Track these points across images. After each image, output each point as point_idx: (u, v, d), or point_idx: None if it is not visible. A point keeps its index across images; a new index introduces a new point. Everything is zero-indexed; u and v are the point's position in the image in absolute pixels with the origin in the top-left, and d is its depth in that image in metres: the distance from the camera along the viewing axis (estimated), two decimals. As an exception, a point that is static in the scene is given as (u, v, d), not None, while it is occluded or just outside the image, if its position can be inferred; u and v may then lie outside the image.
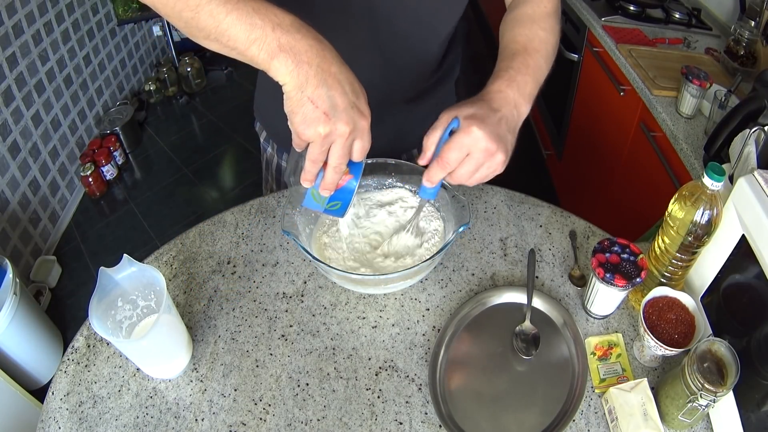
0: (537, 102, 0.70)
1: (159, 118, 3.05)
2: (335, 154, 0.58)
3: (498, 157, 0.62)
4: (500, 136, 0.62)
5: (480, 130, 0.60)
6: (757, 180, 0.66)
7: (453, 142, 0.61)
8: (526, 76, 0.67)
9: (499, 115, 0.63)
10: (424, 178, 0.65)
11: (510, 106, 0.65)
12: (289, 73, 0.54)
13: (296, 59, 0.54)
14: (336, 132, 0.56)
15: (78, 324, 0.85)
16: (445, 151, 0.62)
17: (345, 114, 0.56)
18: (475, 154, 0.61)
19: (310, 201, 0.67)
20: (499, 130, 0.62)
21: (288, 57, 0.54)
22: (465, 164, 0.62)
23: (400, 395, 0.75)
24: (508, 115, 0.64)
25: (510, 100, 0.65)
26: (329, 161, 0.59)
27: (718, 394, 0.60)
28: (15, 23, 2.05)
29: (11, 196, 2.03)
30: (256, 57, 0.55)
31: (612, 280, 0.74)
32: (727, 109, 1.21)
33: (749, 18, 1.47)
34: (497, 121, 0.62)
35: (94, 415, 0.74)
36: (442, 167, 0.62)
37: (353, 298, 0.86)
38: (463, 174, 0.63)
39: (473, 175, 0.63)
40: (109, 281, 0.72)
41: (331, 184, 0.62)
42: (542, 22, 0.74)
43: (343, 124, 0.56)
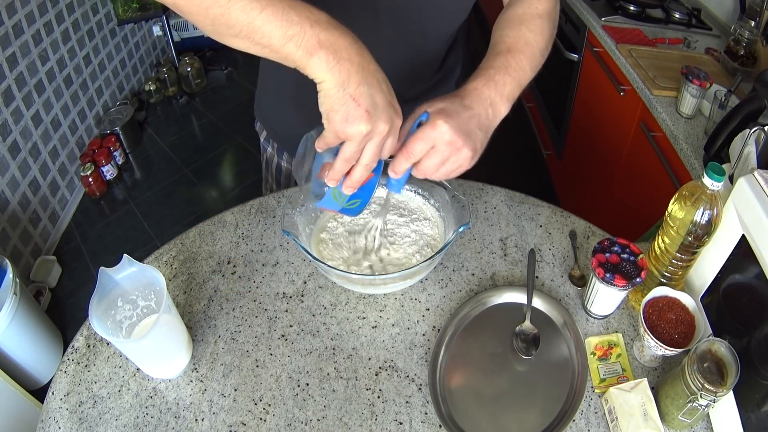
0: (537, 102, 0.70)
1: (159, 118, 3.05)
2: (369, 153, 0.58)
3: (464, 152, 0.62)
4: (468, 132, 0.62)
5: (445, 124, 0.60)
6: (757, 180, 0.66)
7: (418, 133, 0.62)
8: (505, 76, 0.67)
9: (471, 112, 0.64)
10: (390, 168, 0.65)
11: (484, 104, 0.65)
12: (329, 70, 0.53)
13: (336, 56, 0.53)
14: (376, 130, 0.56)
15: (78, 324, 0.85)
16: (409, 142, 0.62)
17: (385, 113, 0.56)
18: (439, 146, 0.62)
19: (329, 201, 0.66)
20: (468, 126, 0.62)
21: (328, 54, 0.53)
22: (430, 157, 0.63)
23: (400, 395, 0.75)
24: (481, 113, 0.65)
25: (484, 99, 0.65)
26: (362, 160, 0.59)
27: (718, 394, 0.60)
28: (15, 23, 2.05)
29: (11, 196, 2.03)
30: (293, 54, 0.53)
31: (612, 280, 0.74)
32: (727, 109, 1.21)
33: (749, 18, 1.47)
34: (467, 118, 0.63)
35: (94, 415, 0.74)
36: (406, 158, 0.63)
37: (353, 298, 0.86)
38: (429, 166, 0.63)
39: (439, 169, 0.64)
40: (109, 281, 0.72)
41: (357, 182, 0.62)
42: (531, 24, 0.73)
43: (383, 123, 0.56)
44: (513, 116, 0.71)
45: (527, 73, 0.70)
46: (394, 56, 0.87)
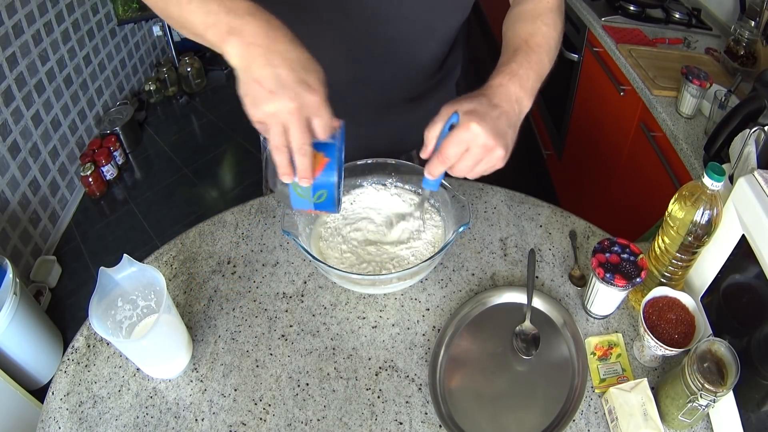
0: (537, 102, 0.70)
1: (159, 118, 3.05)
2: (292, 135, 0.55)
3: (497, 152, 0.62)
4: (499, 132, 0.62)
5: (479, 126, 0.60)
6: (757, 180, 0.66)
7: (452, 137, 0.62)
8: (528, 70, 0.67)
9: (500, 110, 0.63)
10: (426, 171, 0.66)
11: (511, 101, 0.65)
12: (238, 56, 0.53)
13: (243, 41, 0.53)
14: (283, 109, 0.53)
15: (78, 324, 0.85)
16: (444, 147, 0.63)
17: (290, 90, 0.53)
18: (473, 149, 0.62)
19: (297, 199, 0.63)
20: (498, 125, 0.62)
21: (237, 40, 0.53)
22: (464, 159, 0.63)
23: (400, 395, 0.75)
24: (509, 110, 0.65)
25: (511, 95, 0.65)
26: (291, 145, 0.56)
27: (718, 394, 0.60)
28: (15, 23, 2.05)
29: (11, 196, 2.03)
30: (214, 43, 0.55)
31: (612, 280, 0.74)
32: (727, 109, 1.21)
33: (749, 18, 1.46)
34: (497, 117, 0.63)
35: (94, 415, 0.74)
36: (442, 162, 0.64)
37: (353, 298, 0.86)
38: (463, 168, 0.64)
39: (473, 169, 0.64)
40: (109, 281, 0.72)
41: (304, 170, 0.58)
42: (545, 18, 0.74)
43: (288, 100, 0.53)
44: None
45: (546, 66, 0.71)
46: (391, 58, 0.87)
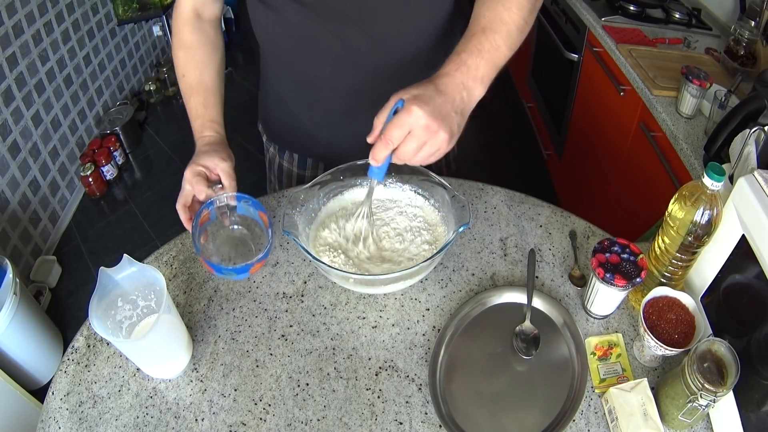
0: (537, 102, 0.69)
1: (159, 118, 3.05)
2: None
3: (440, 135, 0.63)
4: (443, 115, 0.63)
5: (420, 109, 0.62)
6: (757, 180, 0.66)
7: (394, 120, 0.63)
8: (478, 59, 0.68)
9: (445, 96, 0.65)
10: (370, 156, 0.67)
11: (458, 88, 0.66)
12: None
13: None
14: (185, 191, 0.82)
15: (78, 324, 0.85)
16: (387, 129, 0.64)
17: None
18: (416, 131, 0.63)
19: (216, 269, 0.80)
20: (442, 109, 0.64)
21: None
22: (408, 142, 0.64)
23: (400, 395, 0.75)
24: (455, 97, 0.66)
25: (457, 83, 0.66)
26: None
27: (718, 394, 0.60)
28: (15, 23, 2.05)
29: (11, 196, 2.03)
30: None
31: (612, 280, 0.74)
32: (727, 109, 1.21)
33: (749, 18, 1.46)
34: (441, 102, 0.64)
35: (94, 415, 0.74)
36: (385, 144, 0.65)
37: (353, 298, 0.86)
38: (407, 151, 0.65)
39: (417, 153, 0.65)
40: (109, 281, 0.72)
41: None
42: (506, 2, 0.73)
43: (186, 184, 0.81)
44: (513, 116, 0.71)
45: (503, 53, 0.70)
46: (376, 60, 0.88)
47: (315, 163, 1.12)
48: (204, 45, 0.92)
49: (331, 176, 0.88)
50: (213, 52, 0.93)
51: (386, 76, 0.90)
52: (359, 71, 0.90)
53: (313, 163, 1.12)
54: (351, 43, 0.85)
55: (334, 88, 0.94)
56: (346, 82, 0.91)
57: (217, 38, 0.95)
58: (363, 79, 0.90)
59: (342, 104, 0.96)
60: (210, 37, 0.93)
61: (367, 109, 0.96)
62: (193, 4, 0.91)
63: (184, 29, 0.91)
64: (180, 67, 0.91)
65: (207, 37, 0.92)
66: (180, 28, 0.91)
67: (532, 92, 2.59)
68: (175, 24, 0.92)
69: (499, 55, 0.70)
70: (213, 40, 0.93)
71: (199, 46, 0.91)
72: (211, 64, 0.92)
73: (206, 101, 0.90)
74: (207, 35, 0.92)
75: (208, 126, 0.89)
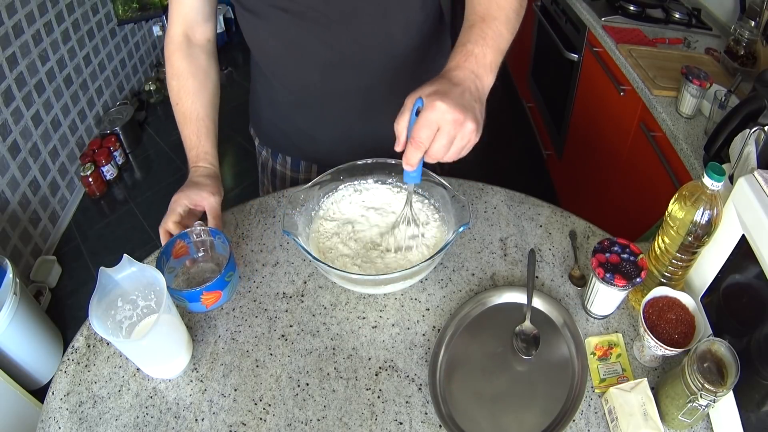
0: (537, 102, 0.69)
1: (159, 118, 3.05)
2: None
3: (468, 125, 0.62)
4: (465, 106, 0.62)
5: (443, 103, 0.61)
6: (757, 180, 0.66)
7: (421, 120, 0.62)
8: (483, 47, 0.68)
9: (461, 87, 0.64)
10: (404, 162, 0.66)
11: (470, 78, 0.66)
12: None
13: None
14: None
15: (78, 324, 0.85)
16: (415, 131, 0.63)
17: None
18: (444, 127, 0.62)
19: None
20: (462, 100, 0.63)
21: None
22: (438, 139, 0.63)
23: (400, 395, 0.75)
24: (471, 87, 0.65)
25: (468, 73, 0.66)
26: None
27: (718, 394, 0.60)
28: (15, 23, 2.05)
29: (11, 196, 2.03)
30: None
31: (612, 280, 0.74)
32: (727, 109, 1.21)
33: (749, 18, 1.46)
34: (460, 93, 0.63)
35: (94, 415, 0.74)
36: (417, 147, 0.63)
37: (353, 298, 0.86)
38: (439, 149, 0.63)
39: (449, 149, 0.64)
40: (109, 281, 0.72)
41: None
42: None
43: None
44: (513, 116, 0.71)
45: (505, 37, 0.71)
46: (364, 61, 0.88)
47: (308, 165, 1.12)
48: (195, 74, 0.92)
49: (331, 176, 0.88)
50: (205, 81, 0.93)
51: (376, 76, 0.90)
52: (348, 73, 0.90)
53: (307, 165, 1.12)
54: (337, 46, 0.85)
55: (325, 92, 0.94)
56: (336, 84, 0.92)
57: (210, 66, 0.95)
58: (353, 80, 0.91)
59: (334, 106, 0.96)
60: (201, 65, 0.93)
61: (359, 110, 0.97)
62: (183, 27, 0.90)
63: (175, 56, 0.92)
64: (173, 95, 0.93)
65: (198, 65, 0.93)
66: (171, 54, 0.92)
67: (532, 92, 2.59)
68: (166, 49, 0.93)
69: (502, 40, 0.70)
70: (205, 68, 0.94)
71: (191, 75, 0.92)
72: (203, 93, 0.93)
73: (199, 131, 0.92)
74: (198, 63, 0.93)
75: (202, 157, 0.92)
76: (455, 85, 0.64)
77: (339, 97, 0.94)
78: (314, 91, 0.94)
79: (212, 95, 0.95)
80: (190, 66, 0.92)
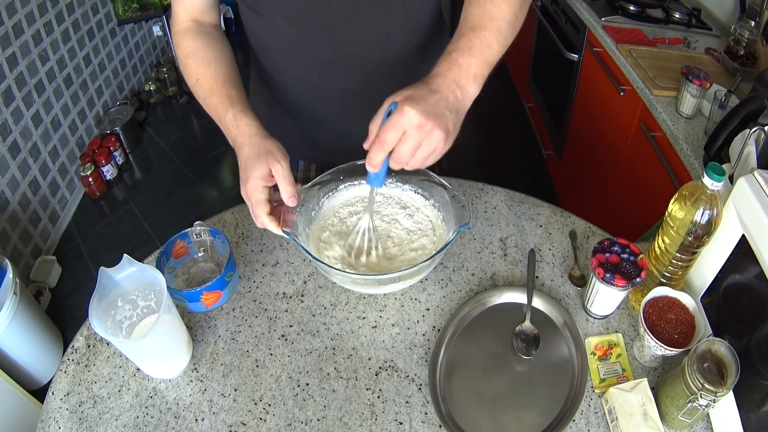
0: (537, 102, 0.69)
1: (159, 118, 3.05)
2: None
3: (435, 133, 0.62)
4: (436, 113, 0.62)
5: (412, 109, 0.61)
6: (757, 180, 0.66)
7: (388, 122, 0.62)
8: (469, 57, 0.67)
9: (438, 95, 0.64)
10: (367, 162, 0.66)
11: (450, 87, 0.65)
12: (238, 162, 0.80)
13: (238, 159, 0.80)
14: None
15: (78, 324, 0.85)
16: (381, 132, 0.63)
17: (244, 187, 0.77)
18: (410, 131, 0.62)
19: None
20: (435, 108, 0.63)
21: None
22: (403, 143, 0.63)
23: (400, 395, 0.75)
24: (448, 96, 0.65)
25: (449, 82, 0.65)
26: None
27: (718, 394, 0.60)
28: (15, 23, 2.04)
29: (11, 196, 2.03)
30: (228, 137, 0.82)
31: (612, 280, 0.74)
32: (727, 109, 1.21)
33: (749, 18, 1.46)
34: (435, 101, 0.63)
35: (94, 415, 0.74)
36: (380, 147, 0.63)
37: (353, 298, 0.86)
38: (404, 153, 0.63)
39: (414, 154, 0.64)
40: (109, 281, 0.72)
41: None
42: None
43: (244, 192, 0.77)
44: (513, 116, 0.71)
45: (495, 49, 0.70)
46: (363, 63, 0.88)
47: (308, 164, 1.12)
48: (210, 47, 0.86)
49: (331, 176, 0.88)
50: (223, 51, 0.87)
51: (376, 77, 0.90)
52: (348, 74, 0.90)
53: (306, 165, 1.12)
54: (337, 46, 0.85)
55: (324, 91, 0.94)
56: (335, 85, 0.92)
57: (224, 38, 0.90)
58: (352, 81, 0.91)
59: (332, 106, 0.96)
60: (216, 39, 0.88)
61: (358, 110, 0.96)
62: (192, 13, 0.87)
63: (186, 39, 0.86)
64: (192, 74, 0.84)
65: (213, 39, 0.87)
66: (181, 39, 0.86)
67: (532, 92, 2.59)
68: (175, 37, 0.88)
69: (490, 52, 0.69)
70: (220, 41, 0.88)
71: (207, 47, 0.86)
72: (223, 59, 0.85)
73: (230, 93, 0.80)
74: (212, 38, 0.87)
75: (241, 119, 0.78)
76: (432, 92, 0.64)
77: (338, 97, 0.94)
78: (313, 90, 0.94)
79: (234, 62, 0.87)
80: (205, 40, 0.86)
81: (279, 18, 0.84)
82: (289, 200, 0.75)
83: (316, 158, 1.10)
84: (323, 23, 0.83)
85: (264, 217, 0.75)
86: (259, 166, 0.74)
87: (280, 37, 0.88)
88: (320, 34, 0.84)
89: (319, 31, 0.84)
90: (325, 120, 0.99)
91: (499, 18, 0.71)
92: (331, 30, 0.84)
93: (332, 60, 0.88)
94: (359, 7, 0.82)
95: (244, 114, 0.78)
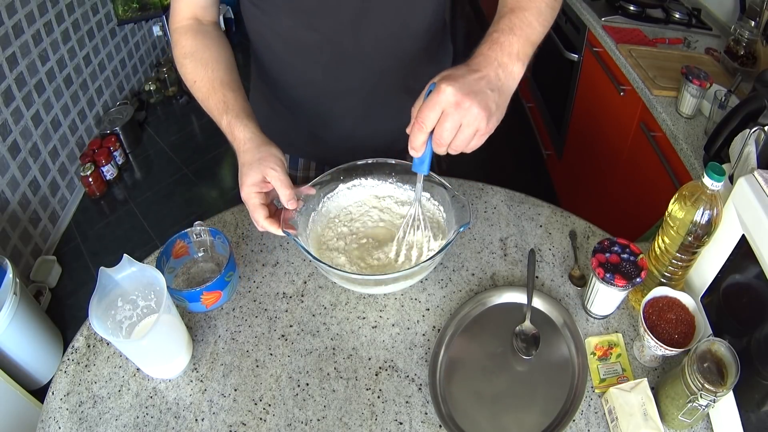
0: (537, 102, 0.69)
1: (159, 118, 3.05)
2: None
3: (474, 110, 0.60)
4: (475, 91, 0.61)
5: (450, 86, 0.59)
6: (757, 180, 0.66)
7: (426, 102, 0.61)
8: (510, 36, 0.66)
9: (479, 74, 0.63)
10: (409, 145, 0.65)
11: (492, 66, 0.64)
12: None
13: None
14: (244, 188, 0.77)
15: (78, 324, 0.85)
16: (419, 112, 0.62)
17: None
18: (447, 109, 0.60)
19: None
20: (474, 86, 0.61)
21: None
22: (442, 123, 0.61)
23: (400, 395, 0.75)
24: (490, 74, 0.64)
25: (491, 61, 0.64)
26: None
27: (718, 394, 0.60)
28: (15, 23, 2.04)
29: (11, 196, 2.03)
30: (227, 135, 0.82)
31: (612, 280, 0.74)
32: (727, 109, 1.21)
33: (749, 18, 1.46)
34: (475, 80, 0.62)
35: (94, 415, 0.74)
36: (419, 128, 0.62)
37: (353, 298, 0.86)
38: (445, 134, 0.62)
39: (456, 135, 0.62)
40: (109, 281, 0.72)
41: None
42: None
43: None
44: (513, 116, 0.71)
45: (536, 29, 0.69)
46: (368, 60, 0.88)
47: (307, 162, 1.11)
48: (209, 47, 0.85)
49: (331, 176, 0.88)
50: (222, 51, 0.86)
51: (379, 77, 0.90)
52: (351, 74, 0.90)
53: (305, 163, 1.11)
54: (341, 45, 0.85)
55: (327, 90, 0.94)
56: (338, 84, 0.92)
57: (223, 39, 0.88)
58: (356, 80, 0.91)
59: (335, 105, 0.96)
60: (215, 38, 0.87)
61: (361, 109, 0.97)
62: (193, 10, 0.86)
63: (185, 38, 0.85)
64: (189, 75, 0.83)
65: (212, 38, 0.86)
66: (180, 37, 0.85)
67: (532, 92, 2.59)
68: (173, 35, 0.86)
69: (531, 30, 0.68)
70: (219, 41, 0.87)
71: (205, 47, 0.84)
72: (221, 60, 0.84)
73: (225, 97, 0.80)
74: (211, 37, 0.86)
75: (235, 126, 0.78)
76: (473, 71, 0.63)
77: (341, 96, 0.94)
78: (316, 89, 0.94)
79: (232, 63, 0.86)
80: (204, 40, 0.85)
81: (283, 16, 0.84)
82: (288, 203, 0.75)
83: (316, 156, 1.10)
84: (330, 22, 0.82)
85: (263, 221, 0.75)
86: (252, 174, 0.75)
87: (283, 35, 0.87)
88: (326, 33, 0.84)
89: (324, 30, 0.84)
90: (327, 119, 0.99)
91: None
92: (337, 29, 0.83)
93: (336, 59, 0.88)
94: (370, 6, 0.81)
95: (238, 119, 0.78)
